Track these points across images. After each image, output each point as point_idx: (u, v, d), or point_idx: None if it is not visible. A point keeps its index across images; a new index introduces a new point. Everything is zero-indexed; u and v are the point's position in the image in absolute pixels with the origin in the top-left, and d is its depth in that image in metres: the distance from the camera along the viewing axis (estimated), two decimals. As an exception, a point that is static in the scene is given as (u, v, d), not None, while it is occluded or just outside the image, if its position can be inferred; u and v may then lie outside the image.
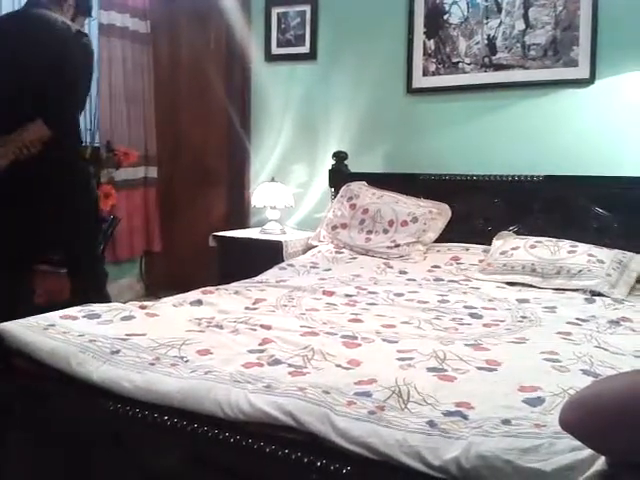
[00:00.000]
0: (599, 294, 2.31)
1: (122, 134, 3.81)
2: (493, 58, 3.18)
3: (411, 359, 1.53)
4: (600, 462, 0.94)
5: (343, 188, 3.33)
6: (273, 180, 3.60)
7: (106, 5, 3.72)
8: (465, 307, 2.13)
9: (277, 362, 1.49)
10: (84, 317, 1.81)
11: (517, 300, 2.25)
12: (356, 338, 1.71)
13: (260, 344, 1.63)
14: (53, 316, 1.77)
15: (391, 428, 1.15)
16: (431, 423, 1.16)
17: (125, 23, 3.85)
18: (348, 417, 1.19)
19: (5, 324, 1.65)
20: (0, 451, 1.60)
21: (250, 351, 1.57)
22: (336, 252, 3.06)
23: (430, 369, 1.46)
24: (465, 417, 1.19)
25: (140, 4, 3.95)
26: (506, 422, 1.14)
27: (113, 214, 3.40)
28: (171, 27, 4.13)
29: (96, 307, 1.90)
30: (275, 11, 3.74)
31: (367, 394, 1.29)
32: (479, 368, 1.47)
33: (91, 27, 3.96)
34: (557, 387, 1.32)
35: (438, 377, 1.40)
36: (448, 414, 1.20)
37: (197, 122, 4.09)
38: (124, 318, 1.83)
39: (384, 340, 1.70)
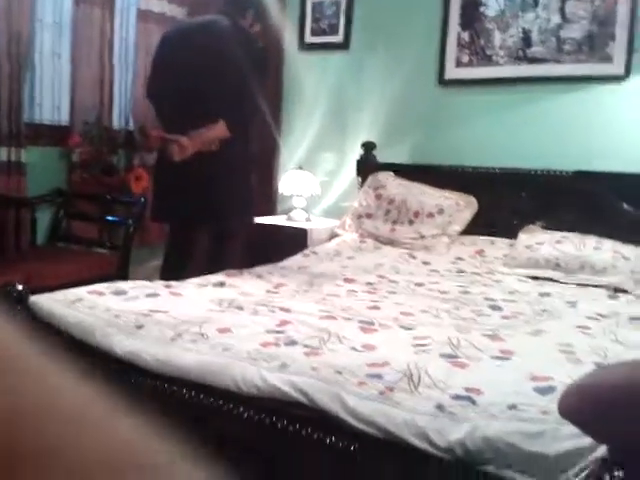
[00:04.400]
0: (623, 291, 2.29)
1: (155, 119, 3.86)
2: (527, 51, 3.14)
3: (425, 345, 1.55)
4: (602, 448, 0.95)
5: (370, 178, 3.34)
6: (300, 168, 3.63)
7: (144, -9, 3.79)
8: (485, 299, 2.13)
9: (293, 343, 1.53)
10: (111, 293, 1.87)
11: (539, 294, 2.24)
12: (373, 324, 1.73)
13: (278, 325, 1.67)
14: (80, 291, 1.83)
15: (400, 409, 1.18)
16: (439, 406, 1.18)
17: (163, 9, 3.91)
18: (358, 396, 1.22)
19: (35, 297, 1.72)
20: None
21: (268, 331, 1.61)
22: (360, 241, 3.08)
23: (443, 355, 1.47)
24: (473, 402, 1.20)
25: (177, -10, 4.01)
26: (512, 407, 1.16)
27: (144, 196, 3.47)
28: (207, 13, 4.16)
29: (122, 284, 1.96)
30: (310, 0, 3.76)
31: (379, 376, 1.32)
32: (493, 357, 1.49)
33: (129, 13, 4.06)
34: (569, 378, 1.32)
35: (451, 363, 1.42)
36: (457, 398, 1.22)
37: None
38: (149, 295, 1.88)
39: (401, 327, 1.72)
